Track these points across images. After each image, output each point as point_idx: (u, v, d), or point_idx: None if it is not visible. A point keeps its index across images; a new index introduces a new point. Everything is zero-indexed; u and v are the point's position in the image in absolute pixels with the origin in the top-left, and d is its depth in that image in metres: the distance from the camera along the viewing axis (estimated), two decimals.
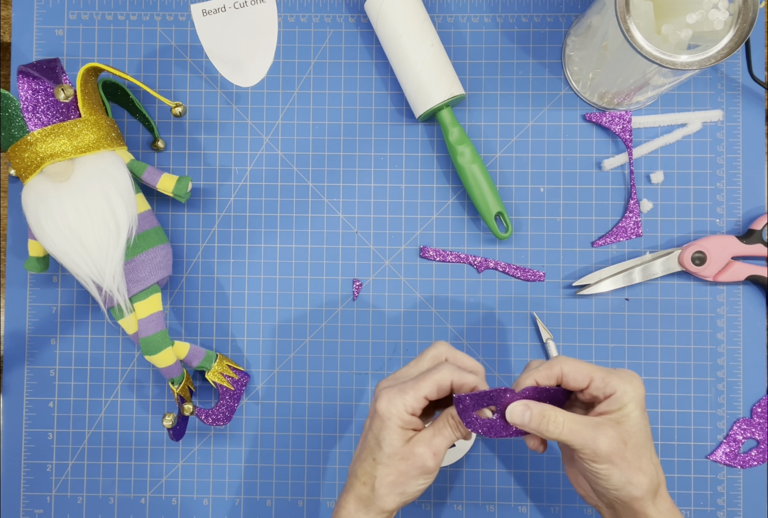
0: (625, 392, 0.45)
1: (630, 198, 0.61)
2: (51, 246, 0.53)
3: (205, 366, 0.59)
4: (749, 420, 0.60)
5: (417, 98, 0.59)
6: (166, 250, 0.58)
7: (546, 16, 0.62)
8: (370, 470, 0.47)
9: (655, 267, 0.60)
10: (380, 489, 0.46)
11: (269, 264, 0.62)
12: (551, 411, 0.45)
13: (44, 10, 0.63)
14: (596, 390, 0.45)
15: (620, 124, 0.61)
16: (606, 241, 0.61)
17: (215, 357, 0.60)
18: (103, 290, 0.55)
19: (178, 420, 0.57)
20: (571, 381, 0.46)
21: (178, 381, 0.57)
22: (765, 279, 0.59)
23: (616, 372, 0.46)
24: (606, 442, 0.43)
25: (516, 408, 0.45)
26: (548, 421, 0.44)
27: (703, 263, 0.59)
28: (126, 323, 0.56)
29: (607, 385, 0.45)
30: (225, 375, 0.59)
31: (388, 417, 0.46)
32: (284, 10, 0.63)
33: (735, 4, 0.49)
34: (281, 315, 0.62)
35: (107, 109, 0.58)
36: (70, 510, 0.61)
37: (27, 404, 0.62)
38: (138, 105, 0.60)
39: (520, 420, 0.45)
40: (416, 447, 0.46)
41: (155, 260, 0.57)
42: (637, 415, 0.45)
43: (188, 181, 0.58)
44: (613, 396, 0.45)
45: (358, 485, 0.47)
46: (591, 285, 0.60)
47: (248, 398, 0.61)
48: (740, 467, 0.60)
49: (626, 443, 0.44)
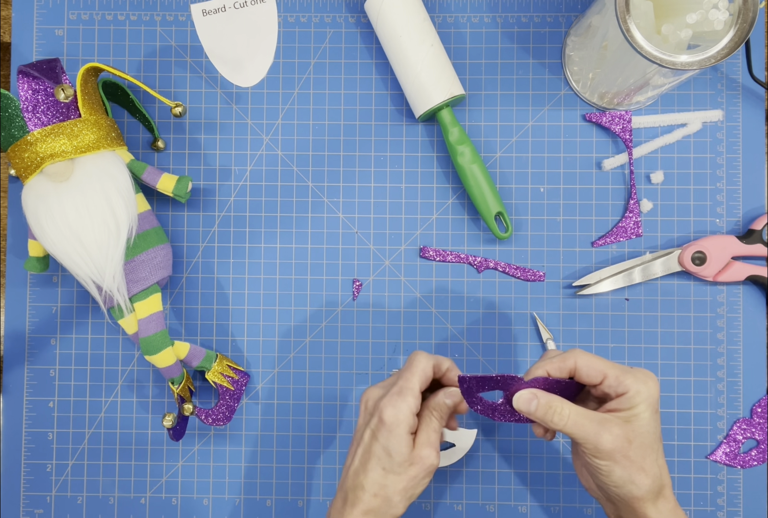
0: (638, 392, 0.44)
1: (630, 198, 0.61)
2: (51, 246, 0.53)
3: (205, 366, 0.59)
4: (749, 420, 0.60)
5: (417, 98, 0.59)
6: (166, 250, 0.58)
7: (546, 16, 0.62)
8: (381, 480, 0.46)
9: (655, 267, 0.60)
10: (394, 497, 0.46)
11: (269, 264, 0.62)
12: (558, 403, 0.45)
13: (44, 10, 0.63)
14: (608, 387, 0.45)
15: (620, 124, 0.61)
16: (606, 241, 0.61)
17: (215, 357, 0.60)
18: (103, 290, 0.55)
19: (178, 420, 0.57)
20: (584, 376, 0.46)
21: (178, 381, 0.57)
22: (765, 279, 0.59)
23: (632, 371, 0.45)
24: (609, 439, 0.43)
25: (523, 396, 0.45)
26: (554, 412, 0.44)
27: (703, 263, 0.59)
28: (126, 323, 0.56)
29: (620, 384, 0.45)
30: (225, 375, 0.59)
31: (397, 424, 0.46)
32: (284, 10, 0.63)
33: (735, 4, 0.49)
34: (281, 315, 0.62)
35: (107, 108, 0.58)
36: (70, 510, 0.61)
37: (27, 404, 0.62)
38: (138, 105, 0.60)
39: (526, 408, 0.45)
40: (422, 450, 0.46)
41: (155, 260, 0.57)
42: (647, 416, 0.44)
43: (188, 181, 0.58)
44: (625, 396, 0.45)
45: (368, 497, 0.47)
46: (591, 286, 0.60)
47: (248, 398, 0.61)
48: (740, 467, 0.60)
49: (631, 442, 0.44)
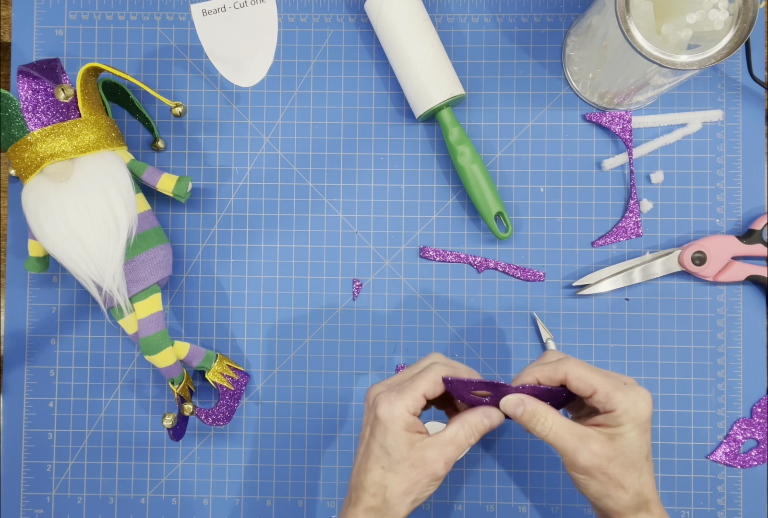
0: (625, 412, 0.43)
1: (630, 198, 0.61)
2: (51, 246, 0.53)
3: (205, 366, 0.59)
4: (749, 420, 0.60)
5: (417, 98, 0.59)
6: (166, 250, 0.58)
7: (546, 16, 0.62)
8: (380, 480, 0.45)
9: (655, 267, 0.60)
10: (393, 499, 0.45)
11: (269, 264, 0.62)
12: (543, 412, 0.44)
13: (44, 10, 0.63)
14: (597, 403, 0.44)
15: (620, 124, 0.61)
16: (606, 240, 0.61)
17: (215, 357, 0.60)
18: (103, 290, 0.55)
19: (178, 420, 0.57)
20: (574, 388, 0.45)
21: (178, 381, 0.57)
22: (765, 279, 0.59)
23: (624, 388, 0.44)
24: (587, 457, 0.43)
25: (511, 401, 0.45)
26: (537, 421, 0.44)
27: (703, 263, 0.59)
28: (126, 323, 0.56)
29: (609, 401, 0.43)
30: (225, 375, 0.59)
31: (392, 420, 0.44)
32: (284, 10, 0.63)
33: (735, 4, 0.49)
34: (281, 315, 0.62)
35: (107, 108, 0.58)
36: (70, 510, 0.61)
37: (27, 404, 0.62)
38: (138, 105, 0.60)
39: (512, 412, 0.45)
40: (427, 452, 0.44)
41: (155, 260, 0.57)
42: (632, 436, 0.43)
43: (188, 181, 0.58)
44: (612, 414, 0.43)
45: (367, 497, 0.45)
46: (591, 285, 0.60)
47: (248, 398, 0.61)
48: (740, 467, 0.60)
49: (611, 460, 0.43)
